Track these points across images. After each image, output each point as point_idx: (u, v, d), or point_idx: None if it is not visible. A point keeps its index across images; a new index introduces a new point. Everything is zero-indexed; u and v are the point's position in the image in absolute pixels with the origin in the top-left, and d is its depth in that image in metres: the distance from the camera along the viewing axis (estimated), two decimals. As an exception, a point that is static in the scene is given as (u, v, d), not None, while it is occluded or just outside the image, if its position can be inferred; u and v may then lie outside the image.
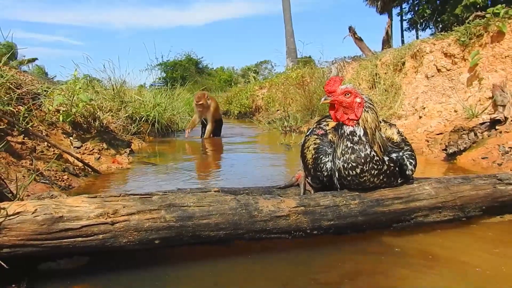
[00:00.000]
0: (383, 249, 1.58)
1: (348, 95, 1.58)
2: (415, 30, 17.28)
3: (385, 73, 6.35)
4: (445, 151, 3.54)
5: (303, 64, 10.50)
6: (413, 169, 1.68)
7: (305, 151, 1.81)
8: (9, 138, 2.68)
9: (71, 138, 3.60)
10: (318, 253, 1.55)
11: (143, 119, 5.95)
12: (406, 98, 5.60)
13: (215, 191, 1.54)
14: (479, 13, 5.21)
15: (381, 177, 1.60)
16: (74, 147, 3.49)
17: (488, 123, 3.63)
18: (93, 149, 3.62)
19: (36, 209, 1.26)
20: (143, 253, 1.48)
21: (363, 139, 1.55)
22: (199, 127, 6.43)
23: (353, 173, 1.57)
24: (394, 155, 1.64)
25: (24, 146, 2.76)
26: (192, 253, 1.52)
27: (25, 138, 2.86)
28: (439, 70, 5.21)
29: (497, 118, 3.59)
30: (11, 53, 5.03)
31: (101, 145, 3.79)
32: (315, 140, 1.79)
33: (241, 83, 18.95)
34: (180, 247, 1.46)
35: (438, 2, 14.36)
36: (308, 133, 1.90)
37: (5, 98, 2.99)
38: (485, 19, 4.73)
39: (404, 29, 18.81)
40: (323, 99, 1.63)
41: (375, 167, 1.56)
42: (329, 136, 1.78)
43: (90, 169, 3.14)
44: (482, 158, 3.22)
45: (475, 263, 1.43)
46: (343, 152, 1.57)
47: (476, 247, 1.58)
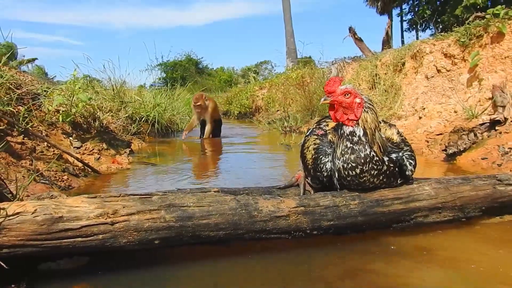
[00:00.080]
0: (383, 249, 1.58)
1: (347, 95, 1.58)
2: (415, 30, 17.30)
3: (385, 74, 6.35)
4: (445, 152, 3.54)
5: (303, 64, 10.49)
6: (413, 169, 1.68)
7: (305, 151, 1.81)
8: (9, 138, 2.68)
9: (71, 138, 3.60)
10: (318, 253, 1.55)
11: (143, 119, 5.95)
12: (406, 98, 5.60)
13: (215, 191, 1.54)
14: (479, 14, 5.22)
15: (381, 178, 1.60)
16: (74, 147, 3.49)
17: (488, 124, 3.63)
18: (93, 149, 3.62)
19: (36, 209, 1.26)
20: (143, 253, 1.48)
21: (363, 139, 1.56)
22: (198, 127, 6.43)
23: (352, 173, 1.57)
24: (393, 156, 1.64)
25: (24, 146, 2.76)
26: (192, 253, 1.52)
27: (25, 138, 2.86)
28: (439, 70, 5.21)
29: (497, 118, 3.59)
30: (11, 53, 5.03)
31: (101, 145, 3.79)
32: (315, 140, 1.79)
33: (241, 83, 18.95)
34: (180, 247, 1.46)
35: (438, 3, 14.38)
36: (308, 133, 1.90)
37: (5, 98, 2.99)
38: (485, 20, 4.73)
39: (404, 29, 18.84)
40: (322, 99, 1.63)
41: (375, 167, 1.57)
42: (329, 136, 1.78)
43: (90, 169, 3.14)
44: (482, 158, 3.22)
45: (475, 263, 1.43)
46: (343, 152, 1.57)
47: (476, 247, 1.58)
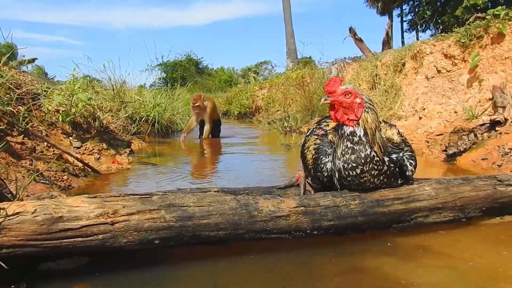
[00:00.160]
0: (383, 249, 1.57)
1: (348, 95, 1.58)
2: (415, 31, 17.28)
3: (385, 74, 6.35)
4: (445, 152, 3.54)
5: (303, 64, 10.48)
6: (413, 169, 1.68)
7: (305, 151, 1.81)
8: (8, 138, 2.68)
9: (70, 138, 3.60)
10: (318, 254, 1.55)
11: (143, 119, 5.94)
12: (406, 99, 5.60)
13: (215, 191, 1.54)
14: (479, 14, 5.22)
15: (381, 178, 1.60)
16: (73, 147, 3.49)
17: (488, 124, 3.63)
18: (93, 149, 3.61)
19: (35, 209, 1.26)
20: (143, 253, 1.48)
21: (363, 139, 1.55)
22: (197, 128, 6.42)
23: (353, 173, 1.57)
24: (394, 156, 1.64)
25: (23, 146, 2.76)
26: (192, 253, 1.52)
27: (25, 138, 2.86)
28: (439, 71, 5.21)
29: (497, 119, 3.59)
30: (11, 53, 5.03)
31: (101, 145, 3.79)
32: (315, 140, 1.78)
33: (241, 83, 18.94)
34: (180, 247, 1.46)
35: (438, 3, 14.37)
36: (308, 133, 1.90)
37: (5, 98, 2.99)
38: (486, 20, 4.73)
39: (404, 30, 18.81)
40: (323, 99, 1.63)
41: (375, 167, 1.56)
42: (329, 136, 1.77)
43: (90, 169, 3.14)
44: (482, 159, 3.22)
45: (475, 263, 1.43)
46: (343, 152, 1.57)
47: (476, 248, 1.58)
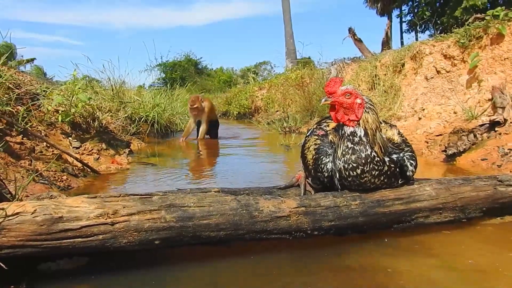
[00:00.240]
0: (383, 249, 1.57)
1: (348, 96, 1.58)
2: (414, 32, 17.31)
3: (385, 75, 6.35)
4: (444, 153, 3.54)
5: (302, 65, 10.46)
6: (414, 170, 1.68)
7: (306, 151, 1.80)
8: (8, 138, 2.67)
9: (70, 138, 3.59)
10: (318, 254, 1.54)
11: (142, 120, 5.93)
12: (405, 99, 5.61)
13: (215, 192, 1.54)
14: (478, 15, 5.23)
15: (382, 178, 1.60)
16: (73, 148, 3.48)
17: (487, 125, 3.63)
18: (92, 150, 3.61)
19: (35, 210, 1.26)
20: (143, 254, 1.48)
21: (364, 139, 1.55)
22: (196, 129, 6.39)
23: (353, 173, 1.56)
24: (394, 156, 1.64)
25: (23, 146, 2.75)
26: (192, 254, 1.52)
27: (24, 138, 2.85)
28: (438, 71, 5.22)
29: (496, 120, 3.60)
30: (10, 53, 5.02)
31: (100, 146, 3.78)
32: (315, 140, 1.78)
33: (241, 83, 18.91)
34: (180, 248, 1.45)
35: (437, 4, 14.39)
36: (308, 133, 1.89)
37: (4, 98, 2.98)
38: (485, 21, 4.74)
39: (403, 31, 18.85)
40: (323, 100, 1.63)
41: (376, 167, 1.56)
42: (330, 136, 1.77)
43: (89, 170, 3.14)
44: (481, 159, 3.22)
45: (475, 264, 1.43)
46: (344, 152, 1.57)
47: (476, 248, 1.58)
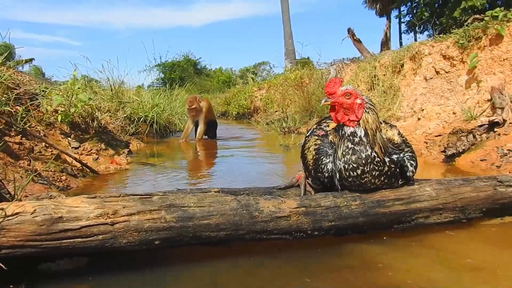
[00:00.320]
0: (384, 250, 1.57)
1: (348, 96, 1.58)
2: (413, 32, 17.36)
3: (384, 75, 6.36)
4: (443, 153, 3.54)
5: (301, 65, 10.46)
6: (414, 170, 1.68)
7: (306, 152, 1.80)
8: (6, 138, 2.66)
9: (69, 138, 3.58)
10: (319, 254, 1.54)
11: (142, 120, 5.93)
12: (404, 100, 5.61)
13: (215, 192, 1.53)
14: (477, 16, 5.24)
15: (382, 178, 1.60)
16: (72, 148, 3.47)
17: (486, 126, 3.64)
18: (91, 150, 3.60)
19: (35, 210, 1.25)
20: (143, 254, 1.47)
21: (364, 140, 1.55)
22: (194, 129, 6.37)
23: (354, 174, 1.56)
24: (395, 156, 1.64)
25: (22, 146, 2.74)
26: (192, 254, 1.51)
27: (23, 138, 2.85)
28: (437, 72, 5.23)
29: (495, 120, 3.60)
30: (8, 53, 5.00)
31: (99, 146, 3.78)
32: (315, 141, 1.78)
33: (240, 84, 18.93)
34: (180, 248, 1.45)
35: (436, 5, 14.43)
36: (308, 134, 1.89)
37: (3, 98, 2.98)
38: (484, 22, 4.74)
39: (402, 31, 18.93)
40: (323, 100, 1.63)
41: (376, 168, 1.56)
42: (330, 137, 1.77)
43: (88, 170, 3.13)
44: (480, 160, 3.22)
45: (475, 264, 1.43)
46: (344, 153, 1.57)
47: (476, 248, 1.58)
